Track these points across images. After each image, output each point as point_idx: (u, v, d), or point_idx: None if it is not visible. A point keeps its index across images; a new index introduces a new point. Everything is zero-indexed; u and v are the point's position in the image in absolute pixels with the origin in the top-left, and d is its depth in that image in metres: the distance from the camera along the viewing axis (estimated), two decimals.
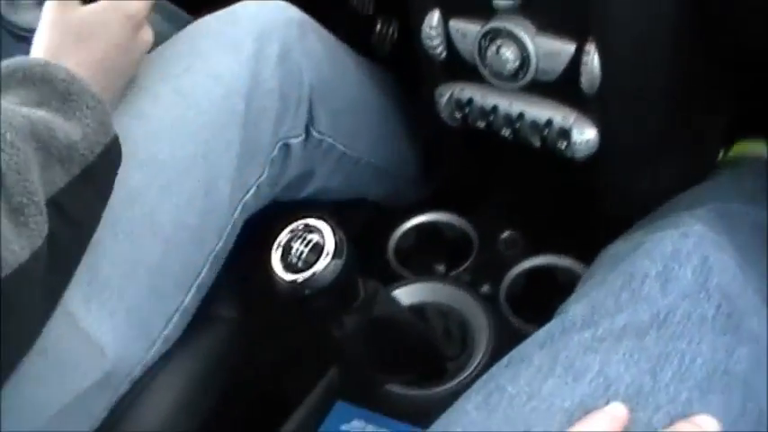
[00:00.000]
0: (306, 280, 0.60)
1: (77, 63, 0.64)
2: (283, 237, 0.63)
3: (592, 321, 0.56)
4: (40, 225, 0.54)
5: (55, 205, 0.57)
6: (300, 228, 0.63)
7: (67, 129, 0.59)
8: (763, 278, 0.64)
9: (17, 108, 0.58)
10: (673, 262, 0.57)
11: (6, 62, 0.62)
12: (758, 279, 0.62)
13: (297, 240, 0.62)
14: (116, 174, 0.65)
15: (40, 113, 0.59)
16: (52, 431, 0.65)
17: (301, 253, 0.62)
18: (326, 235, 0.62)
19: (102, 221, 0.67)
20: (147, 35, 0.72)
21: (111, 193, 0.65)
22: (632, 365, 0.52)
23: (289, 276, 0.61)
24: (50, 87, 0.61)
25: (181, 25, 0.90)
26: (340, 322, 0.67)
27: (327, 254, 0.61)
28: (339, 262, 0.61)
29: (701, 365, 0.52)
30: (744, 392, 0.53)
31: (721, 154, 0.96)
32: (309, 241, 0.62)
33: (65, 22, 0.67)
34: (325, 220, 0.63)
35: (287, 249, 0.62)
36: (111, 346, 0.67)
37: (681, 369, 0.52)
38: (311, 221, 0.63)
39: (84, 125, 0.60)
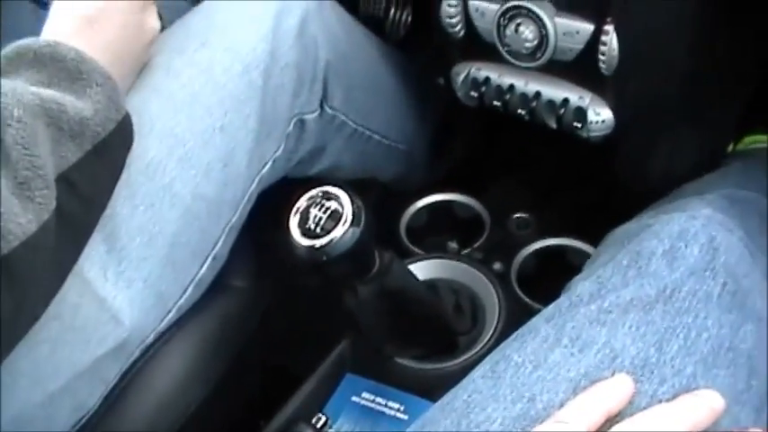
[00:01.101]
0: (323, 246, 0.61)
1: (87, 46, 0.64)
2: (302, 203, 0.63)
3: (598, 296, 0.56)
4: (47, 199, 0.55)
5: (66, 181, 0.58)
6: (319, 195, 0.63)
7: (79, 106, 0.60)
8: None
9: (27, 86, 0.59)
10: (680, 241, 0.58)
11: (17, 43, 0.63)
12: (765, 263, 0.62)
13: (315, 207, 0.63)
14: (128, 151, 0.66)
15: (50, 92, 0.60)
16: (66, 396, 0.67)
17: (319, 219, 0.62)
18: (345, 202, 0.62)
19: (121, 192, 0.68)
20: (155, 21, 0.72)
21: (122, 170, 0.66)
22: (638, 338, 0.52)
23: (306, 242, 0.61)
24: (60, 66, 0.61)
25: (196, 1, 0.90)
26: (354, 291, 0.68)
27: (345, 221, 0.61)
28: (357, 230, 0.61)
29: (706, 340, 0.53)
30: (748, 369, 0.53)
31: (731, 147, 0.97)
32: (328, 208, 0.62)
33: (75, 5, 0.67)
34: (343, 188, 0.63)
35: (305, 216, 0.63)
36: (127, 314, 0.68)
37: (686, 343, 0.52)
38: (330, 189, 0.63)
39: (94, 102, 0.61)
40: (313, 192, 0.64)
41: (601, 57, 0.76)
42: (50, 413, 0.66)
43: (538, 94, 0.82)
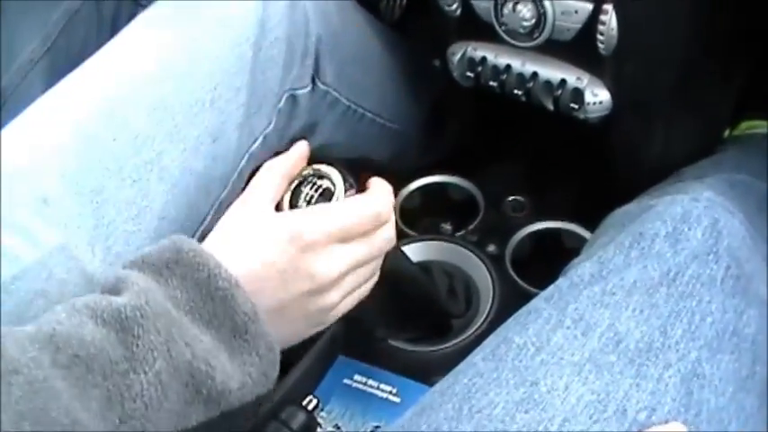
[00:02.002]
0: None
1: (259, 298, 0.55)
2: (293, 181, 0.62)
3: (601, 277, 0.55)
4: None
5: None
6: (311, 173, 0.62)
7: (228, 372, 0.52)
8: None
9: (189, 328, 0.51)
10: (683, 224, 0.57)
11: (178, 246, 0.55)
12: (765, 246, 0.62)
13: (307, 185, 0.61)
14: (255, 415, 0.57)
15: (205, 345, 0.52)
16: None
17: (311, 198, 0.61)
18: (336, 181, 0.61)
19: (109, 165, 0.66)
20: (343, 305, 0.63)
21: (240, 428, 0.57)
22: (642, 322, 0.51)
23: None
24: (229, 315, 0.53)
25: None
26: None
27: (337, 200, 0.60)
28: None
29: (710, 325, 0.52)
30: (753, 354, 0.53)
31: (727, 132, 0.96)
32: (319, 187, 0.61)
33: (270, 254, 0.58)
34: (335, 167, 0.62)
35: (296, 193, 0.61)
36: None
37: (691, 328, 0.51)
38: (322, 167, 0.62)
39: (245, 373, 0.53)
40: (305, 170, 0.63)
41: (599, 37, 0.75)
42: None
43: (535, 75, 0.81)
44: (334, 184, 0.61)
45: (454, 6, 0.83)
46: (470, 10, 0.82)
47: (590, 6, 0.74)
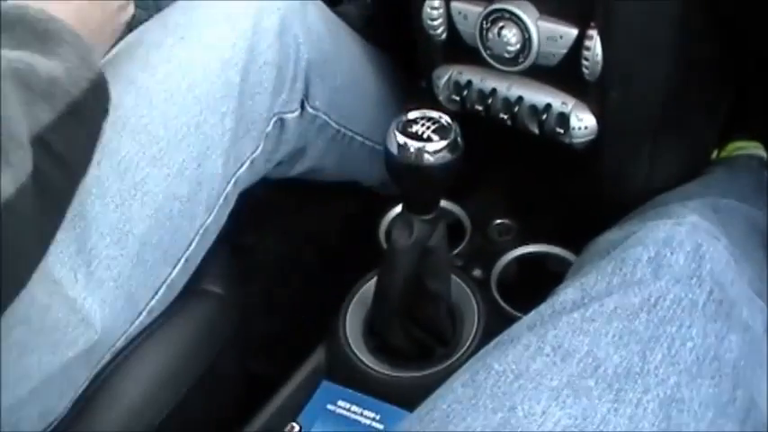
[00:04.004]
0: (428, 152, 0.65)
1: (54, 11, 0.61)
2: (404, 117, 0.68)
3: (582, 304, 0.55)
4: (23, 161, 0.52)
5: (41, 143, 0.55)
6: (426, 117, 0.68)
7: (49, 65, 0.57)
8: (756, 271, 0.63)
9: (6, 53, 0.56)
10: (665, 248, 0.57)
11: None
12: (751, 271, 0.62)
13: (419, 123, 0.67)
14: (105, 111, 0.63)
15: (18, 52, 0.57)
16: (34, 401, 0.65)
17: (427, 129, 0.66)
18: (450, 122, 0.67)
19: (92, 190, 0.66)
20: None
21: (99, 132, 0.63)
22: (622, 347, 0.51)
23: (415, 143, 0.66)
24: (28, 28, 0.59)
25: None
26: (410, 229, 0.70)
27: (454, 134, 0.66)
28: (459, 149, 0.66)
29: (690, 350, 0.52)
30: (734, 379, 0.52)
31: (715, 154, 0.97)
32: (436, 121, 0.67)
33: None
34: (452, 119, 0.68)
35: (408, 125, 0.66)
36: (97, 316, 0.66)
37: (671, 352, 0.51)
38: (434, 114, 0.68)
39: (65, 60, 0.58)
40: (417, 113, 0.68)
41: (584, 62, 0.75)
42: (18, 418, 0.64)
43: (520, 99, 0.81)
44: (449, 123, 0.68)
45: (440, 30, 0.83)
46: (456, 34, 0.82)
47: (575, 32, 0.74)
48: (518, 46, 0.77)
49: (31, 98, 0.55)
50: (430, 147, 0.65)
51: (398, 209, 0.99)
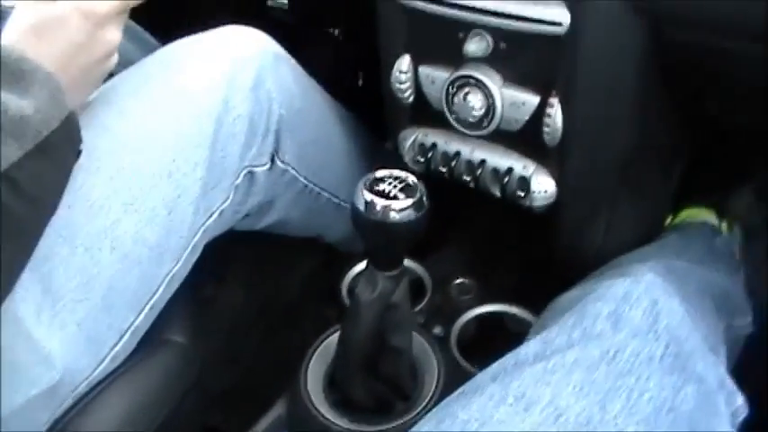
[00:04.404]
0: (394, 209, 0.66)
1: (32, 54, 0.62)
2: (370, 177, 0.69)
3: (544, 356, 0.57)
4: None
5: (8, 180, 0.56)
6: (391, 175, 0.69)
7: (20, 104, 0.58)
8: (710, 329, 0.66)
9: None
10: (624, 303, 0.59)
11: None
12: (705, 328, 0.64)
13: (386, 182, 0.68)
14: (75, 150, 0.64)
15: None
16: None
17: (393, 187, 0.67)
18: (416, 182, 0.69)
19: (62, 232, 0.66)
20: (112, 35, 0.70)
21: (70, 170, 0.64)
22: (582, 397, 0.53)
23: (382, 201, 0.67)
24: (3, 68, 0.59)
25: (146, 48, 0.90)
26: (374, 283, 0.71)
27: (420, 195, 0.67)
28: (424, 209, 0.68)
29: (648, 401, 0.53)
30: (689, 430, 0.54)
31: (669, 220, 1.00)
32: (403, 181, 0.69)
33: (25, 17, 0.66)
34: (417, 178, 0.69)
35: (375, 184, 0.68)
36: (59, 357, 0.66)
37: (629, 403, 0.53)
38: (401, 173, 0.69)
39: (36, 99, 0.59)
40: (385, 172, 0.70)
41: (545, 129, 0.78)
42: None
43: (483, 162, 0.84)
44: (414, 184, 0.69)
45: (407, 93, 0.86)
46: (423, 98, 0.85)
47: (537, 99, 0.77)
48: (482, 111, 0.80)
49: (1, 136, 0.56)
50: (396, 205, 0.67)
51: (361, 266, 1.01)
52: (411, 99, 0.86)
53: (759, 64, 0.69)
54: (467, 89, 0.80)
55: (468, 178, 0.85)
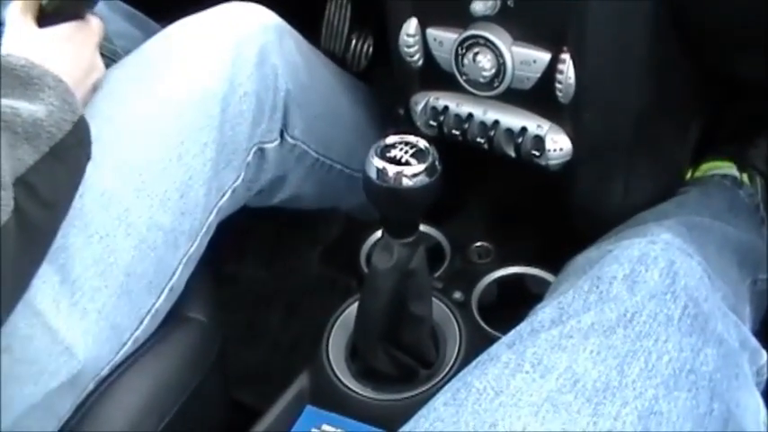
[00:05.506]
0: (407, 175, 0.66)
1: (37, 57, 0.64)
2: (381, 143, 0.68)
3: (560, 321, 0.56)
4: (5, 201, 0.54)
5: (24, 184, 0.56)
6: (404, 141, 0.68)
7: (32, 109, 0.59)
8: (729, 287, 0.65)
9: None
10: (640, 265, 0.58)
11: None
12: (724, 287, 0.63)
13: (398, 147, 0.67)
14: (87, 153, 0.65)
15: (4, 100, 0.59)
16: (18, 431, 0.65)
17: (405, 152, 0.66)
18: (428, 147, 0.68)
19: (75, 222, 0.67)
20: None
21: (82, 174, 0.65)
22: (599, 362, 0.52)
23: (394, 167, 0.66)
24: (11, 75, 0.61)
25: (146, 30, 0.90)
26: (390, 252, 0.71)
27: (433, 160, 0.66)
28: (437, 173, 0.67)
29: (667, 363, 0.53)
30: (710, 392, 0.53)
31: (689, 174, 0.98)
32: (414, 146, 0.67)
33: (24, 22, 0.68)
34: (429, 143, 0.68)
35: (387, 150, 0.67)
36: (81, 346, 0.67)
37: (647, 366, 0.52)
38: (412, 138, 0.68)
39: (47, 104, 0.60)
40: (395, 138, 0.68)
41: (558, 86, 0.77)
42: None
43: (496, 123, 0.83)
44: (426, 148, 0.68)
45: (416, 57, 0.84)
46: (432, 61, 0.83)
47: (548, 56, 0.76)
48: (493, 71, 0.79)
49: (15, 141, 0.57)
50: (408, 170, 0.66)
51: (378, 234, 1.01)
52: (420, 63, 0.85)
53: None
54: (476, 49, 0.79)
55: (481, 140, 0.84)
